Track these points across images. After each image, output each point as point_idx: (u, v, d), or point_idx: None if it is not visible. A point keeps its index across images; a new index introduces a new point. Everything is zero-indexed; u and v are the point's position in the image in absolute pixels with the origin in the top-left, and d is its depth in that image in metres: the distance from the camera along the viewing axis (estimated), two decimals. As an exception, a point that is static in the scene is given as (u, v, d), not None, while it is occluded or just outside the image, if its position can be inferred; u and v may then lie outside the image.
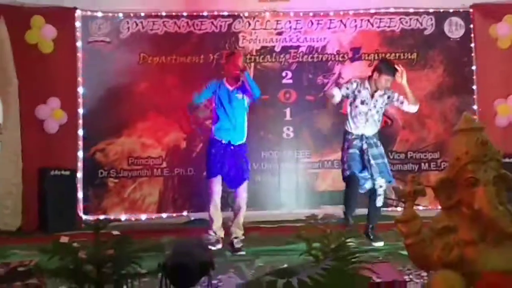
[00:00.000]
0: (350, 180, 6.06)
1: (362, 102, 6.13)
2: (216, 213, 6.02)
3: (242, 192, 6.07)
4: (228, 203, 6.78)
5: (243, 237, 6.05)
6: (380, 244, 5.97)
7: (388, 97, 6.23)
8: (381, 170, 6.07)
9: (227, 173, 5.99)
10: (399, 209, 6.98)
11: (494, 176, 3.16)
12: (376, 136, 6.22)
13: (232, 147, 6.01)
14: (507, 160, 7.06)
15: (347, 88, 6.19)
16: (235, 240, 5.97)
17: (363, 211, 6.28)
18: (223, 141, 6.01)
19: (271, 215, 7.82)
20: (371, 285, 3.60)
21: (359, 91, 6.14)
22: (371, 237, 6.07)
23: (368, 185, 6.06)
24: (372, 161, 6.04)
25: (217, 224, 6.01)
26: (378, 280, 3.71)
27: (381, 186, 6.08)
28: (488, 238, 3.13)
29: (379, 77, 6.13)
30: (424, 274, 4.16)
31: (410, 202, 3.25)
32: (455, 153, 3.22)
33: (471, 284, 3.01)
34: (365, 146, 6.09)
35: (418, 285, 3.98)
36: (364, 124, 6.14)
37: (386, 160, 6.19)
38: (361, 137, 6.12)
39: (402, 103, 6.26)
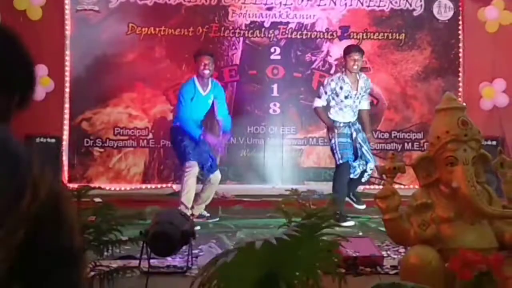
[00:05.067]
0: (343, 168, 6.10)
1: (346, 97, 6.15)
2: (190, 185, 6.08)
3: (216, 180, 6.21)
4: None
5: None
6: (362, 206, 6.21)
7: (367, 86, 6.38)
8: (370, 155, 6.21)
9: (204, 162, 6.13)
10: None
11: (474, 156, 3.22)
12: (358, 119, 6.32)
13: (199, 137, 6.09)
14: (489, 142, 7.18)
15: (326, 93, 6.19)
16: (201, 214, 6.14)
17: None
18: (192, 133, 6.05)
19: (255, 189, 7.87)
20: (349, 258, 3.69)
21: (341, 88, 6.14)
22: (354, 200, 6.21)
23: (360, 169, 6.15)
24: (364, 148, 6.16)
25: (190, 196, 6.08)
26: (356, 254, 3.80)
27: (371, 169, 6.21)
28: (464, 216, 3.21)
29: (347, 62, 6.20)
30: (402, 250, 4.24)
31: (390, 178, 3.32)
32: (436, 132, 3.28)
33: (446, 261, 3.08)
34: (354, 133, 6.15)
35: (395, 261, 4.05)
36: (352, 114, 6.22)
37: (368, 143, 6.30)
38: (349, 125, 6.18)
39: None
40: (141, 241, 3.76)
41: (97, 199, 3.52)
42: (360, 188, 6.68)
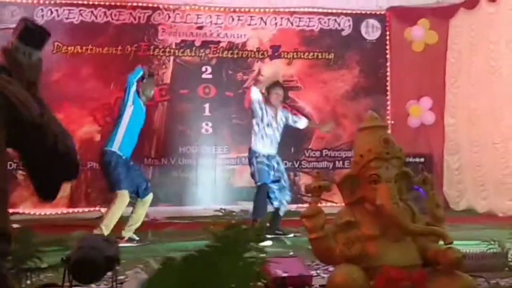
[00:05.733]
0: (261, 189, 6.11)
1: (268, 125, 6.21)
2: (116, 215, 5.87)
3: (148, 201, 6.02)
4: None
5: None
6: (291, 234, 6.10)
7: (286, 118, 6.39)
8: (287, 188, 6.27)
9: (137, 187, 5.93)
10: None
11: (396, 174, 3.25)
12: (278, 154, 6.35)
13: (131, 162, 5.92)
14: (417, 159, 7.34)
15: (261, 94, 6.25)
16: (130, 237, 5.92)
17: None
18: (124, 156, 5.84)
19: (187, 210, 7.77)
20: (277, 279, 3.64)
21: (266, 111, 6.20)
22: (282, 232, 6.15)
23: (276, 203, 6.18)
24: (282, 180, 6.23)
25: (111, 223, 5.84)
26: (285, 274, 3.76)
27: (287, 201, 6.27)
28: (388, 233, 3.23)
29: (269, 96, 6.25)
30: (332, 269, 4.21)
31: (315, 197, 3.31)
32: (359, 150, 3.30)
33: (371, 278, 3.08)
34: (274, 165, 6.19)
35: (324, 280, 4.02)
36: (270, 145, 6.23)
37: (285, 176, 6.35)
38: (268, 157, 6.19)
39: (295, 122, 6.48)
40: (63, 268, 3.61)
41: (16, 225, 3.35)
42: (293, 207, 6.67)
